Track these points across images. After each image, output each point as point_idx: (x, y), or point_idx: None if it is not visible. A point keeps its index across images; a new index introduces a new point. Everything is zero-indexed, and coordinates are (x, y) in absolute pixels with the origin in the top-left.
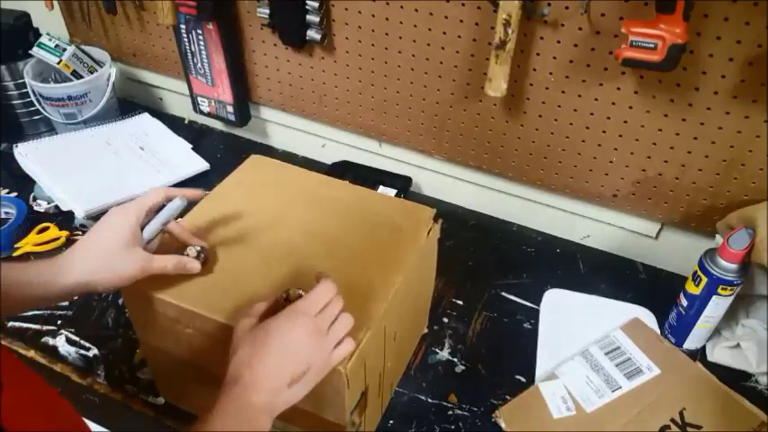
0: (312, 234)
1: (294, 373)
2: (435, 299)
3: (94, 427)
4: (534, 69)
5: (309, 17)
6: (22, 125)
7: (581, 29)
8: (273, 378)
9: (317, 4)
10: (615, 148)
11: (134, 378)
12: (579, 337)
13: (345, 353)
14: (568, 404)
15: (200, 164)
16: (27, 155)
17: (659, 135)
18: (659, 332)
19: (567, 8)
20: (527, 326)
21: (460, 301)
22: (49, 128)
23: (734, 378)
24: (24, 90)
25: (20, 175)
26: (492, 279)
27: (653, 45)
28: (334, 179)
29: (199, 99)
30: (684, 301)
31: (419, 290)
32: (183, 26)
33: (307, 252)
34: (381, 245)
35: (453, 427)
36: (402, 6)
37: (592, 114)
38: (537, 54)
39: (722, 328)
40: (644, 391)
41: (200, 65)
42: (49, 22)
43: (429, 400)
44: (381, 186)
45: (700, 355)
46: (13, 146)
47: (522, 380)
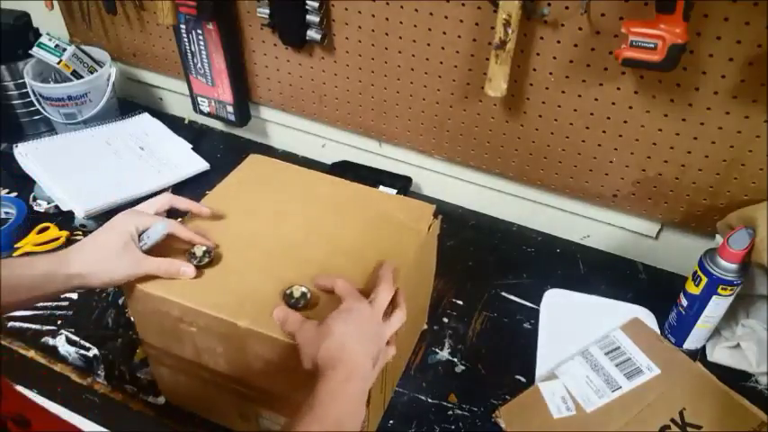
0: (313, 231)
1: (373, 352)
2: (435, 299)
3: (94, 427)
4: (534, 69)
5: (309, 17)
6: (22, 125)
7: (581, 29)
8: (361, 361)
9: (316, 4)
10: (615, 148)
11: (134, 378)
12: (579, 337)
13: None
14: (568, 404)
15: (200, 164)
16: (27, 155)
17: (659, 135)
18: (659, 332)
19: (567, 8)
20: (527, 326)
21: (460, 301)
22: (49, 128)
23: (734, 378)
24: (24, 90)
25: (20, 175)
26: (492, 279)
27: (653, 45)
28: (333, 177)
29: (199, 99)
30: (684, 301)
31: (419, 286)
32: (183, 26)
33: (307, 249)
34: (382, 241)
35: (453, 427)
36: (402, 6)
37: (592, 114)
38: (537, 54)
39: (722, 328)
40: (644, 391)
41: (200, 65)
42: (49, 22)
43: (429, 400)
44: (381, 186)
45: (700, 355)
46: (13, 146)
47: (522, 380)
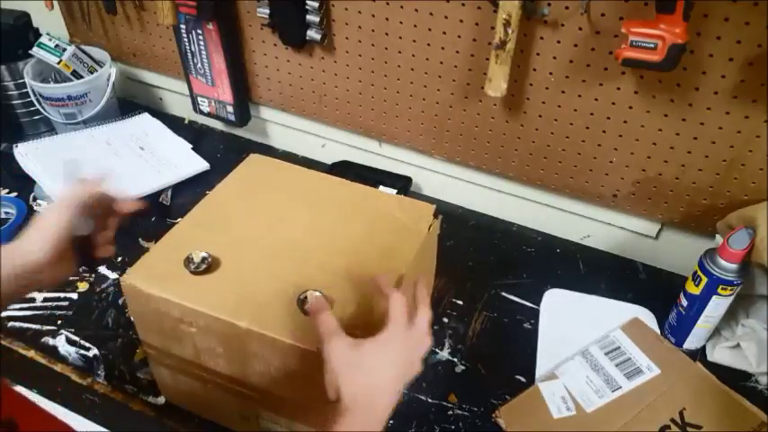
0: (313, 231)
1: (400, 386)
2: (435, 299)
3: (95, 427)
4: (534, 69)
5: (309, 17)
6: (22, 125)
7: (581, 29)
8: (384, 406)
9: (316, 4)
10: (615, 148)
11: (134, 378)
12: (579, 337)
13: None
14: (568, 404)
15: (200, 164)
16: (27, 155)
17: (659, 135)
18: (659, 332)
19: (567, 8)
20: (527, 326)
21: (460, 301)
22: (49, 128)
23: (734, 378)
24: (24, 90)
25: (20, 175)
26: (492, 279)
27: (653, 45)
28: (333, 177)
29: (199, 99)
30: (684, 301)
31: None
32: (183, 26)
33: (307, 249)
34: (382, 241)
35: (453, 427)
36: (402, 6)
37: (592, 114)
38: (537, 54)
39: (722, 328)
40: (644, 391)
41: (200, 65)
42: (49, 22)
43: (429, 400)
44: (381, 186)
45: (700, 355)
46: (13, 146)
47: (522, 380)
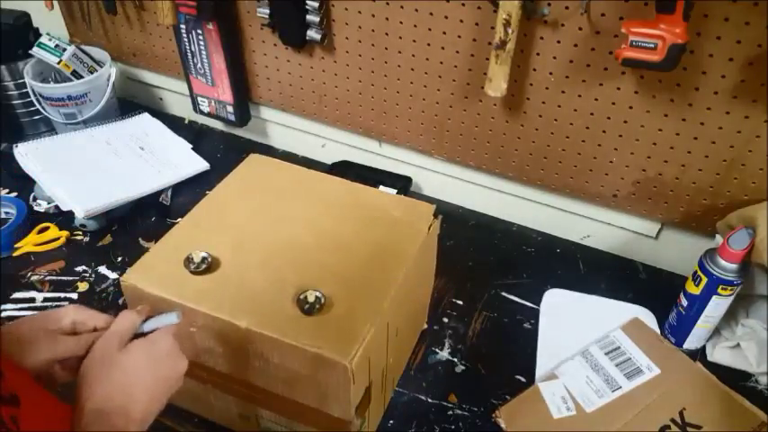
0: (313, 231)
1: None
2: (435, 299)
3: None
4: (534, 69)
5: (309, 17)
6: (22, 125)
7: (581, 29)
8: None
9: (316, 4)
10: (615, 148)
11: None
12: (579, 337)
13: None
14: (568, 404)
15: (200, 164)
16: (27, 155)
17: (659, 135)
18: (659, 332)
19: (567, 8)
20: (527, 326)
21: (460, 301)
22: (49, 128)
23: (734, 378)
24: (24, 90)
25: (20, 175)
26: (492, 279)
27: (653, 45)
28: (333, 177)
29: (199, 99)
30: (684, 301)
31: (419, 286)
32: (183, 26)
33: (308, 249)
34: (382, 241)
35: (453, 427)
36: (402, 6)
37: (592, 114)
38: (537, 54)
39: (722, 328)
40: (644, 391)
41: (200, 65)
42: (49, 22)
43: (429, 400)
44: (381, 186)
45: (700, 355)
46: (13, 146)
47: (522, 380)
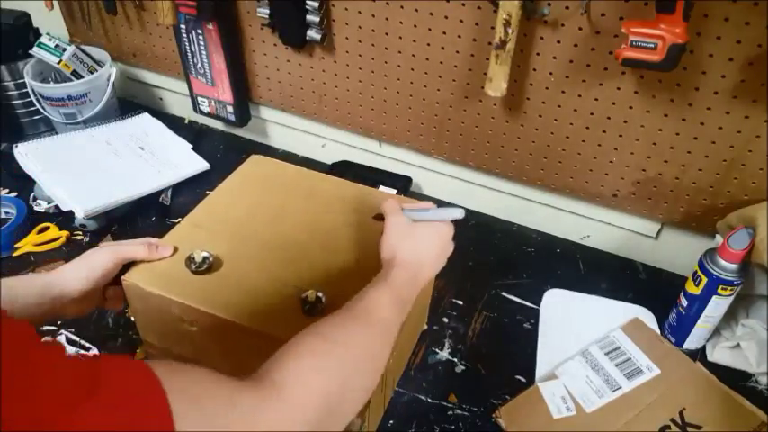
0: (313, 231)
1: (436, 261)
2: (435, 299)
3: None
4: (534, 69)
5: (309, 17)
6: (22, 125)
7: (581, 29)
8: (427, 275)
9: (316, 4)
10: (615, 148)
11: None
12: (579, 337)
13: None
14: (568, 404)
15: (200, 164)
16: (27, 155)
17: (659, 135)
18: (659, 332)
19: (567, 8)
20: (527, 326)
21: (460, 301)
22: (49, 128)
23: (734, 378)
24: (24, 90)
25: (20, 175)
26: (492, 279)
27: (653, 45)
28: (333, 177)
29: (199, 99)
30: (684, 301)
31: None
32: (183, 26)
33: (308, 248)
34: None
35: (453, 427)
36: (402, 6)
37: (592, 114)
38: (537, 54)
39: (722, 328)
40: (644, 391)
41: (200, 65)
42: (49, 22)
43: (429, 400)
44: (382, 186)
45: (700, 355)
46: (13, 146)
47: (522, 380)
